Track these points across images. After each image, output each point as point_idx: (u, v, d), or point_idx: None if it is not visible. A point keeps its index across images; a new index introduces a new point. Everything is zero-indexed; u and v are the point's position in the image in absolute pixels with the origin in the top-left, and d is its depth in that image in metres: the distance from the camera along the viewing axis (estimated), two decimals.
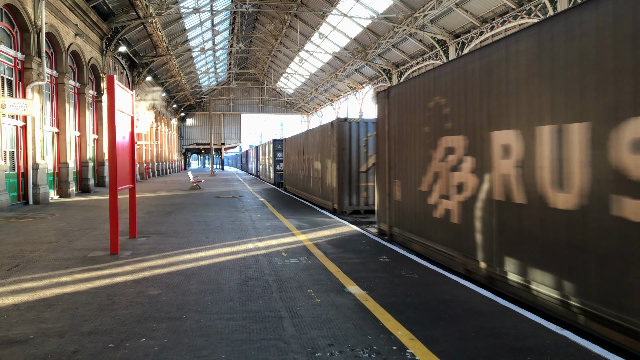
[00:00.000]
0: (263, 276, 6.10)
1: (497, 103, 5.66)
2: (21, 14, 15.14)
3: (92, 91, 23.53)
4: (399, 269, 6.51)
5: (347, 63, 39.88)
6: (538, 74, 4.96)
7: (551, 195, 4.78)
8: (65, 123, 19.14)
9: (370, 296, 5.23)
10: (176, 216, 12.58)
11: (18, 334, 4.14)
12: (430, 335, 4.10)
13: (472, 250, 6.24)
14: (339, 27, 34.99)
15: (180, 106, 58.64)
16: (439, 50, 27.94)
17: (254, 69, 60.15)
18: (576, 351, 3.78)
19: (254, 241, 8.73)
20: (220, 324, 4.34)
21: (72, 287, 5.61)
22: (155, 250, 7.88)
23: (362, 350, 3.78)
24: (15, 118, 15.31)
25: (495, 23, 23.12)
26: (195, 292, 5.38)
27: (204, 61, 47.51)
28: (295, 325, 4.31)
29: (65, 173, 18.92)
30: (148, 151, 38.58)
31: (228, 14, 37.94)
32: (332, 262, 6.90)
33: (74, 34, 19.60)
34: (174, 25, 31.44)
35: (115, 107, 7.77)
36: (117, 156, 7.77)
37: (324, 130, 15.94)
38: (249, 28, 45.88)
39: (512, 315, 4.63)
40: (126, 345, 3.87)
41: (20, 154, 15.62)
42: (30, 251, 7.82)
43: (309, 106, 65.87)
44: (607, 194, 4.11)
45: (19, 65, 15.58)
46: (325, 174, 15.87)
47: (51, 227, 10.65)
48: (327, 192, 15.53)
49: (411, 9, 26.45)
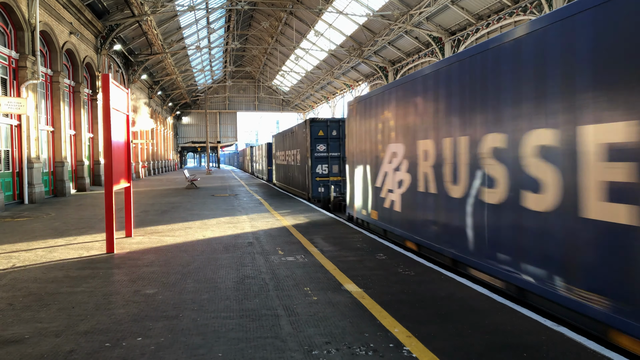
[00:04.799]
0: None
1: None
2: (15, 12, 15.06)
3: (87, 90, 23.42)
4: (395, 267, 6.53)
5: (343, 61, 39.86)
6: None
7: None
8: (60, 122, 19.05)
9: (365, 292, 5.24)
10: (172, 214, 12.55)
11: (14, 333, 4.12)
12: (426, 332, 4.11)
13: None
14: (334, 25, 34.96)
15: (176, 104, 58.50)
16: (434, 48, 27.96)
17: (250, 66, 60.03)
18: (572, 347, 3.80)
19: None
20: (217, 322, 4.34)
21: (68, 287, 5.60)
22: (151, 249, 7.86)
23: (358, 348, 3.79)
24: (9, 117, 15.23)
25: (490, 20, 23.15)
26: (191, 291, 5.38)
27: (199, 59, 47.40)
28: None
29: (60, 172, 18.85)
30: (144, 150, 38.47)
31: (223, 12, 37.83)
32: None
33: (68, 32, 19.50)
34: (169, 23, 31.33)
35: (110, 105, 7.74)
36: (112, 155, 7.75)
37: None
38: (244, 26, 45.78)
39: (508, 312, 4.65)
40: (123, 345, 3.86)
41: (15, 152, 15.54)
42: (25, 250, 7.78)
43: (305, 104, 65.81)
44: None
45: (13, 64, 15.50)
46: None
47: (47, 226, 10.61)
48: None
49: (407, 6, 26.45)
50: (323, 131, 16.45)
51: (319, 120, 16.67)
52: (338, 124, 16.64)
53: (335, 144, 16.56)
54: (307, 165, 16.79)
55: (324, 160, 16.44)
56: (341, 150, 16.51)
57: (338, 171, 16.53)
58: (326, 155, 16.45)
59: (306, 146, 16.81)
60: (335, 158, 16.57)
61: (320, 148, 16.47)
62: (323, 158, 16.43)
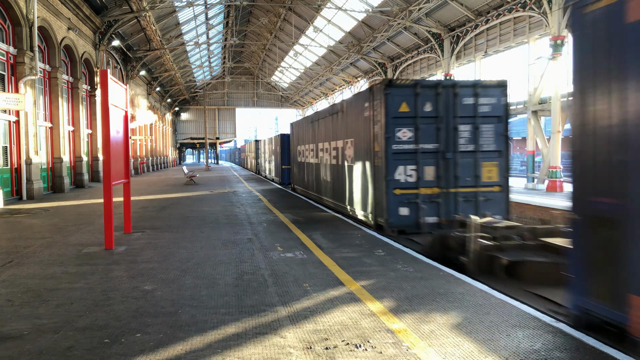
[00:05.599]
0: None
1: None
2: (13, 7, 14.99)
3: (86, 85, 23.35)
4: (395, 263, 6.53)
5: (342, 57, 39.77)
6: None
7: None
8: (58, 118, 19.00)
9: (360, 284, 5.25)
10: (171, 210, 12.55)
11: (12, 329, 4.12)
12: (426, 329, 4.12)
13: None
14: (333, 21, 34.85)
15: (175, 100, 58.34)
16: (434, 44, 27.91)
17: (249, 63, 59.88)
18: (572, 345, 3.81)
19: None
20: (216, 318, 4.35)
21: (67, 283, 5.59)
22: (150, 245, 7.86)
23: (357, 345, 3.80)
24: (7, 113, 15.17)
25: (490, 16, 23.10)
26: (190, 287, 5.38)
27: (198, 55, 47.23)
28: None
29: (59, 168, 18.81)
30: (142, 146, 38.40)
31: (222, 8, 37.66)
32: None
33: (66, 28, 19.42)
34: (167, 19, 31.21)
35: (109, 101, 7.71)
36: (111, 151, 7.72)
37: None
38: (243, 22, 45.61)
39: (507, 308, 4.67)
40: (121, 341, 3.86)
41: (13, 149, 15.50)
42: (24, 247, 7.78)
43: (304, 100, 65.71)
44: None
45: (11, 60, 15.44)
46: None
47: (45, 222, 10.60)
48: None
49: (406, 2, 26.37)
50: (409, 104, 9.31)
51: (401, 84, 9.45)
52: (435, 90, 9.35)
53: (430, 128, 9.37)
54: (373, 166, 10.00)
55: (410, 158, 9.35)
56: (454, 139, 9.44)
57: (435, 178, 9.40)
58: (414, 149, 9.33)
59: (371, 132, 10.00)
60: (433, 153, 9.40)
61: (402, 135, 9.33)
62: (409, 153, 9.34)
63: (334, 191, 13.37)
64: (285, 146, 24.82)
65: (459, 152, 9.39)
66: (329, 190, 14.05)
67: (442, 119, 9.31)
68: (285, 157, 24.76)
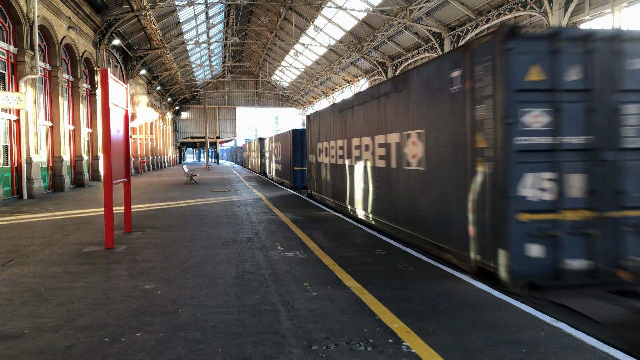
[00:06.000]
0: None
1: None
2: (13, 6, 14.98)
3: (86, 84, 23.35)
4: (395, 262, 6.53)
5: (342, 56, 39.74)
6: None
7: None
8: (59, 117, 19.00)
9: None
10: (171, 210, 12.54)
11: (13, 328, 4.12)
12: (426, 328, 4.12)
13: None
14: (334, 20, 34.83)
15: (175, 99, 58.36)
16: (434, 43, 27.88)
17: (249, 62, 59.85)
18: (571, 343, 3.81)
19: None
20: (217, 318, 4.35)
21: (67, 282, 5.59)
22: (150, 245, 7.86)
23: (357, 344, 3.80)
24: (8, 112, 15.17)
25: (490, 15, 23.08)
26: (191, 286, 5.38)
27: (198, 54, 47.21)
28: None
29: (59, 167, 18.81)
30: (143, 145, 38.40)
31: (222, 7, 37.63)
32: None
33: (67, 27, 19.41)
34: (168, 18, 31.19)
35: (109, 100, 7.71)
36: (111, 150, 7.72)
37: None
38: (243, 21, 45.58)
39: (507, 307, 4.66)
40: (122, 340, 3.86)
41: (13, 148, 15.50)
42: (24, 246, 7.78)
43: (304, 99, 65.69)
44: None
45: (12, 59, 15.43)
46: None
47: (46, 221, 10.60)
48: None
49: (406, 1, 26.35)
50: (544, 68, 5.47)
51: (533, 34, 5.47)
52: (585, 46, 5.51)
53: (578, 110, 5.53)
54: (469, 174, 6.16)
55: (546, 159, 5.48)
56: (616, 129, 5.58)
57: (586, 193, 5.51)
58: (551, 145, 5.46)
59: (467, 117, 6.22)
60: (581, 152, 5.53)
61: (533, 120, 5.45)
62: (543, 152, 5.47)
63: (385, 209, 9.37)
64: (297, 144, 21.15)
65: (626, 150, 5.58)
66: (378, 206, 9.73)
67: (597, 93, 5.53)
68: (298, 157, 21.13)
